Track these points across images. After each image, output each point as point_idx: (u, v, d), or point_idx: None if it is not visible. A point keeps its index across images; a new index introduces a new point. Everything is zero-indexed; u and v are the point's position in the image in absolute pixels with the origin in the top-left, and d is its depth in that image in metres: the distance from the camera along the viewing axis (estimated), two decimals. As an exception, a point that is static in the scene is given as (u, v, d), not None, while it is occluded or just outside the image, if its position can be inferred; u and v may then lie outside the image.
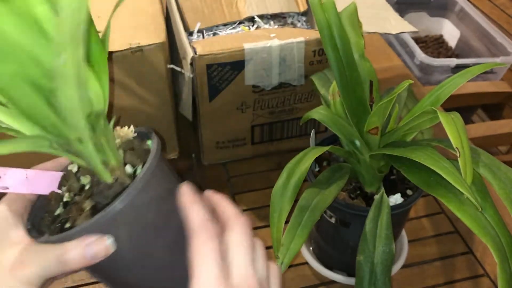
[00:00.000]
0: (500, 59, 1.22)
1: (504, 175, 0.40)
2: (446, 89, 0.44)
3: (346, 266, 0.57)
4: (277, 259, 0.42)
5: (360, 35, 0.49)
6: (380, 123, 0.43)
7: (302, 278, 0.59)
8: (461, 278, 0.59)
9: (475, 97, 1.24)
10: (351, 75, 0.44)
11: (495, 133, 1.13)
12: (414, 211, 0.67)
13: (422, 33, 1.48)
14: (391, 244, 0.44)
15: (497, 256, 0.36)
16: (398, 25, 0.63)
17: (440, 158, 0.39)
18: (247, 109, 0.65)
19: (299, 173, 0.44)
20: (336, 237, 0.54)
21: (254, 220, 0.65)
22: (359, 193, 0.50)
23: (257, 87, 0.62)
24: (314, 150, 0.46)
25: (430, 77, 1.25)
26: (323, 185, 0.46)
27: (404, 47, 1.31)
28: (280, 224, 0.43)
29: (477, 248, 0.62)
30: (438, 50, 1.42)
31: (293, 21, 0.70)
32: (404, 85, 0.41)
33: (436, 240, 0.63)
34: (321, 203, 0.44)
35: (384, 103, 0.41)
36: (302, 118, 0.53)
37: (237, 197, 0.68)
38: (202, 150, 0.70)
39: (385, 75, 0.89)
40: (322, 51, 0.60)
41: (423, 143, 0.44)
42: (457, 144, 0.35)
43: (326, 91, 0.53)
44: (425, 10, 1.46)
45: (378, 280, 0.43)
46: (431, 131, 0.52)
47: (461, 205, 0.38)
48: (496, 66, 0.51)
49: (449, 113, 0.38)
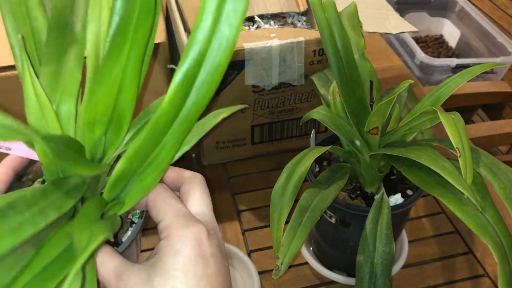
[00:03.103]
0: (500, 59, 1.21)
1: (504, 175, 0.40)
2: (447, 89, 0.44)
3: (346, 266, 0.57)
4: (277, 259, 0.42)
5: (360, 35, 0.49)
6: (380, 123, 0.43)
7: (302, 278, 0.59)
8: (461, 278, 0.59)
9: (475, 97, 1.24)
10: (351, 75, 0.44)
11: (495, 133, 1.13)
12: (414, 211, 0.67)
13: (422, 33, 1.48)
14: (391, 244, 0.44)
15: (497, 256, 0.36)
16: (398, 25, 0.63)
17: (440, 158, 0.39)
18: (247, 109, 0.65)
19: (299, 173, 0.44)
20: (336, 237, 0.54)
21: (254, 220, 0.65)
22: (359, 193, 0.50)
23: (257, 87, 0.62)
24: (314, 150, 0.46)
25: (430, 77, 1.24)
26: (323, 185, 0.46)
27: (404, 47, 1.31)
28: (280, 224, 0.43)
29: (477, 248, 0.62)
30: (438, 50, 1.42)
31: (293, 21, 0.70)
32: (404, 85, 0.41)
33: (436, 240, 0.63)
34: (321, 203, 0.44)
35: (384, 103, 0.41)
36: (302, 118, 0.53)
37: (237, 197, 0.68)
38: (202, 150, 0.70)
39: (385, 75, 0.89)
40: (322, 51, 0.60)
41: (423, 143, 0.44)
42: (458, 144, 0.35)
43: (326, 91, 0.53)
44: (425, 10, 1.46)
45: (378, 280, 0.43)
46: (431, 131, 0.52)
47: (461, 205, 0.38)
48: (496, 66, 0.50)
49: (450, 113, 0.38)
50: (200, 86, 0.27)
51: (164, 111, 0.27)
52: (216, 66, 0.26)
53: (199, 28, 0.25)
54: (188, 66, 0.26)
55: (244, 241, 0.63)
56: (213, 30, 0.25)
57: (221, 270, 0.29)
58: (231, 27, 0.25)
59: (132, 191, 0.29)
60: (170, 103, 0.26)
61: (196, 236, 0.28)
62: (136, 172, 0.29)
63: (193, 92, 0.27)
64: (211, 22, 0.25)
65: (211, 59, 0.26)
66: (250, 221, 0.65)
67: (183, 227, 0.28)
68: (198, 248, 0.28)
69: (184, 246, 0.28)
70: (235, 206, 0.67)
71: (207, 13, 0.25)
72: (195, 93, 0.27)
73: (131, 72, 0.26)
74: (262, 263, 0.60)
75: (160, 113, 0.27)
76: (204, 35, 0.25)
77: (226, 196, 0.68)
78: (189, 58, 0.26)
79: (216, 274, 0.28)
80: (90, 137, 0.28)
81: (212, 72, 0.26)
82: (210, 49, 0.26)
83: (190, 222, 0.29)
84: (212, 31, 0.25)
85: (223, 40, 0.25)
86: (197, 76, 0.26)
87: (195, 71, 0.26)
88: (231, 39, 0.25)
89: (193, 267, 0.27)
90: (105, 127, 0.28)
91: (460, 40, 1.42)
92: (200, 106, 0.27)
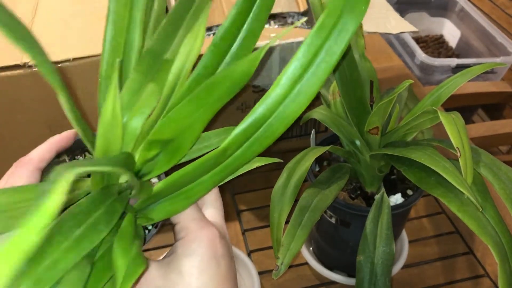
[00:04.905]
0: (500, 59, 1.21)
1: (504, 175, 0.40)
2: (447, 89, 0.44)
3: (346, 266, 0.57)
4: (277, 259, 0.41)
5: (360, 35, 0.49)
6: (380, 123, 0.43)
7: (302, 278, 0.59)
8: (462, 278, 0.59)
9: (475, 97, 1.24)
10: (351, 75, 0.44)
11: (496, 133, 1.13)
12: (415, 211, 0.67)
13: (423, 33, 1.48)
14: (392, 244, 0.44)
15: (497, 256, 0.36)
16: (399, 25, 0.63)
17: (441, 158, 0.39)
18: (247, 109, 0.65)
19: (299, 173, 0.44)
20: (336, 237, 0.54)
21: (254, 220, 0.65)
22: (359, 193, 0.50)
23: (257, 87, 0.62)
24: (314, 150, 0.46)
25: (430, 77, 1.24)
26: (323, 185, 0.46)
27: (405, 47, 1.31)
28: (280, 224, 0.43)
29: (478, 248, 0.62)
30: (438, 50, 1.42)
31: (293, 21, 0.70)
32: (404, 85, 0.41)
33: (437, 240, 0.63)
34: (321, 203, 0.44)
35: (385, 103, 0.41)
36: (302, 118, 0.53)
37: (237, 197, 0.68)
38: (202, 150, 0.70)
39: (385, 75, 0.89)
40: (322, 51, 0.60)
41: (424, 143, 0.44)
42: (458, 144, 0.35)
43: (326, 91, 0.53)
44: (425, 10, 1.46)
45: (379, 280, 0.43)
46: (431, 131, 0.52)
47: (462, 205, 0.38)
48: (496, 66, 0.50)
49: (450, 113, 0.38)
50: (253, 142, 0.30)
51: (220, 153, 0.29)
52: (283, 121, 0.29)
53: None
54: (252, 122, 0.28)
55: (244, 241, 0.63)
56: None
57: (231, 271, 0.31)
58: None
59: (160, 211, 0.31)
60: (227, 148, 0.29)
61: (210, 238, 0.30)
62: (169, 196, 0.31)
63: (247, 144, 0.30)
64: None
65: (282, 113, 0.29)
66: (250, 221, 0.65)
67: (199, 229, 0.31)
68: (211, 249, 0.30)
69: (200, 247, 0.30)
70: (235, 206, 0.67)
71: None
72: (249, 145, 0.29)
73: (203, 117, 0.29)
74: (262, 263, 0.60)
75: (214, 155, 0.29)
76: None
77: (226, 196, 0.68)
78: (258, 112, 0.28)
79: (226, 274, 0.31)
80: (144, 154, 0.30)
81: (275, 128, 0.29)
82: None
83: (205, 225, 0.31)
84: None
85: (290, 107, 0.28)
86: (256, 132, 0.29)
87: (256, 128, 0.29)
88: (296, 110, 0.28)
89: (207, 265, 0.30)
90: (159, 150, 0.30)
91: (460, 40, 1.41)
92: (248, 158, 0.30)
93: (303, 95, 0.27)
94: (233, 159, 0.30)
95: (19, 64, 0.48)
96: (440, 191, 0.39)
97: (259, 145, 0.29)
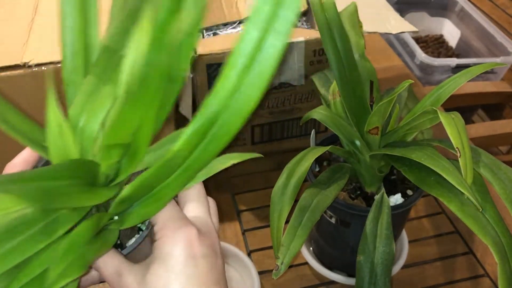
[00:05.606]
0: (500, 59, 1.21)
1: (504, 175, 0.40)
2: (447, 89, 0.44)
3: (346, 266, 0.57)
4: (277, 259, 0.42)
5: (360, 35, 0.49)
6: (380, 123, 0.43)
7: (302, 278, 0.59)
8: (461, 278, 0.59)
9: (475, 97, 1.24)
10: (351, 75, 0.44)
11: (496, 133, 1.13)
12: (415, 211, 0.67)
13: (423, 33, 1.48)
14: (392, 244, 0.44)
15: (497, 256, 0.36)
16: (398, 25, 0.63)
17: (441, 158, 0.39)
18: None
19: (299, 173, 0.44)
20: (336, 237, 0.54)
21: (254, 220, 0.65)
22: (359, 193, 0.50)
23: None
24: (314, 150, 0.46)
25: (430, 77, 1.24)
26: (323, 185, 0.46)
27: (405, 47, 1.31)
28: (280, 224, 0.43)
29: (478, 248, 0.62)
30: (438, 50, 1.42)
31: (293, 21, 0.70)
32: (404, 85, 0.41)
33: (437, 240, 0.63)
34: (321, 203, 0.44)
35: (385, 103, 0.41)
36: (302, 118, 0.53)
37: (237, 197, 0.68)
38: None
39: (385, 75, 0.89)
40: (322, 51, 0.60)
41: (424, 143, 0.44)
42: (458, 144, 0.35)
43: (326, 91, 0.53)
44: (425, 10, 1.46)
45: (378, 280, 0.43)
46: (431, 131, 0.52)
47: (462, 205, 0.38)
48: (496, 66, 0.50)
49: (450, 113, 0.38)
50: (210, 141, 0.28)
51: (174, 155, 0.28)
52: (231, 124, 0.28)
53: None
54: (203, 121, 0.27)
55: (244, 241, 0.63)
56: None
57: (214, 269, 0.30)
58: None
59: (133, 215, 0.31)
60: (181, 149, 0.28)
61: (187, 238, 0.30)
62: (140, 199, 0.31)
63: (204, 143, 0.28)
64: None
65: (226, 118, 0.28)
66: (250, 221, 0.65)
67: (175, 230, 0.30)
68: (188, 249, 0.30)
69: (175, 248, 0.29)
70: (235, 206, 0.67)
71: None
72: (206, 144, 0.28)
73: (152, 115, 0.27)
74: (262, 263, 0.60)
75: (169, 157, 0.28)
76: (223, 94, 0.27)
77: (226, 196, 0.68)
78: (206, 113, 0.27)
79: (207, 273, 0.30)
80: (106, 159, 0.29)
81: (226, 130, 0.28)
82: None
83: (182, 224, 0.30)
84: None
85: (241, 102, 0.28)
86: (210, 130, 0.28)
87: (209, 126, 0.28)
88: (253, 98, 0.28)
89: (184, 266, 0.29)
90: (119, 152, 0.29)
91: (460, 40, 1.41)
92: (208, 157, 0.29)
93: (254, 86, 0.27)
94: (193, 159, 0.29)
95: (19, 64, 0.48)
96: (440, 191, 0.39)
97: (218, 141, 0.28)
